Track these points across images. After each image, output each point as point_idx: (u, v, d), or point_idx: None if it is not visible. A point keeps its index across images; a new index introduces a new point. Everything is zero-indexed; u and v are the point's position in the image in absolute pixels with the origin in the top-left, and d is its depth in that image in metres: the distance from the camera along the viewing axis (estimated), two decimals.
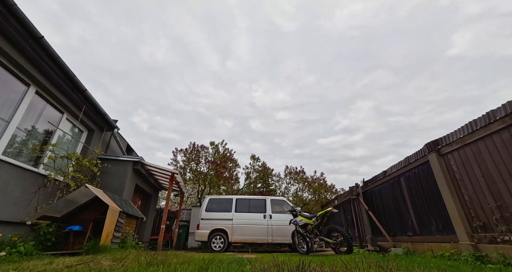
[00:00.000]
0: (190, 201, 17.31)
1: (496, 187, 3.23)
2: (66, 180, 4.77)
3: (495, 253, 3.02)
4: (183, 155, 14.31)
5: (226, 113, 46.03)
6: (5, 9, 3.26)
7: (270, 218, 7.48)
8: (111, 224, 4.18)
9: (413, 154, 4.97)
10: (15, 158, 3.99)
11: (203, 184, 13.66)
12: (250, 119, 45.82)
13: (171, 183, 7.18)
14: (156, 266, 2.23)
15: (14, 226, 3.78)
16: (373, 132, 44.65)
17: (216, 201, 7.92)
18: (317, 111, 46.45)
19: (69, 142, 5.54)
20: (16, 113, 3.95)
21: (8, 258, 2.92)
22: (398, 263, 2.31)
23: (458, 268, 2.39)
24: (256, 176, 16.45)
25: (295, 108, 45.12)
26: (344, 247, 4.73)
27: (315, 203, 15.05)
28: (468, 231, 3.55)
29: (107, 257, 2.88)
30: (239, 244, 7.75)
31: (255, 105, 46.09)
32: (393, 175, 5.59)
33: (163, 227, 6.74)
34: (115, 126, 6.76)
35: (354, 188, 7.37)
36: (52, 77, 4.40)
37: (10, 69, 3.84)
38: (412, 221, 4.88)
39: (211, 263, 2.53)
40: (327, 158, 41.23)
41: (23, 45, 3.70)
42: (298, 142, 42.84)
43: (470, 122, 3.64)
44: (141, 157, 6.66)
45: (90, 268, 2.10)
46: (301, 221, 5.47)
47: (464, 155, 3.74)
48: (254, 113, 45.79)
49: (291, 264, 2.15)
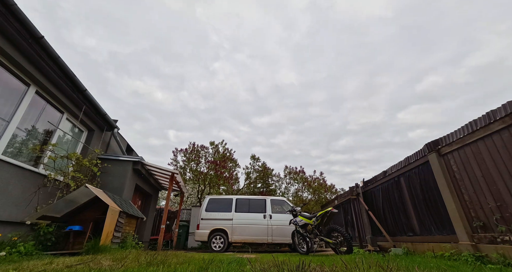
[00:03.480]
0: (190, 201, 17.31)
1: (496, 187, 3.23)
2: (66, 180, 4.77)
3: (495, 253, 3.02)
4: (183, 155, 14.32)
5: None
6: (5, 9, 3.26)
7: (270, 218, 7.48)
8: (111, 224, 4.18)
9: (413, 154, 4.97)
10: (15, 158, 3.99)
11: (203, 184, 13.66)
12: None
13: (171, 183, 7.18)
14: (156, 266, 2.23)
15: (14, 226, 3.78)
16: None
17: (216, 201, 7.92)
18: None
19: (69, 142, 5.54)
20: (16, 113, 3.95)
21: (8, 258, 2.92)
22: (398, 263, 2.31)
23: (458, 268, 2.39)
24: (256, 176, 16.44)
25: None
26: (344, 247, 4.73)
27: (315, 203, 15.05)
28: (468, 231, 3.55)
29: (107, 257, 2.88)
30: (239, 244, 7.74)
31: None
32: (393, 175, 5.59)
33: (163, 227, 6.73)
34: (115, 126, 6.76)
35: (354, 188, 7.37)
36: (52, 77, 4.40)
37: (10, 69, 3.84)
38: (412, 221, 4.88)
39: (211, 263, 2.53)
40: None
41: (23, 45, 3.70)
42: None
43: (470, 122, 3.64)
44: (141, 157, 6.66)
45: (90, 268, 2.10)
46: (301, 221, 5.47)
47: (464, 155, 3.74)
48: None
49: (291, 264, 2.14)
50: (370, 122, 44.72)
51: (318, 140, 45.54)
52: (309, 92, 47.14)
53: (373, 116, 44.74)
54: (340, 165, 41.32)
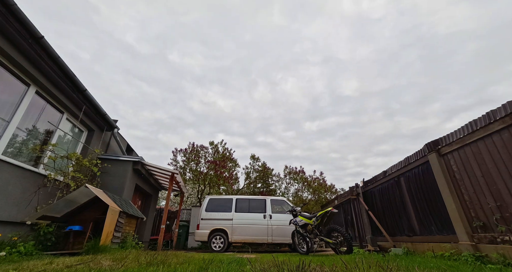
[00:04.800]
0: (190, 201, 17.31)
1: (496, 187, 3.23)
2: (66, 180, 4.77)
3: (495, 253, 3.02)
4: (182, 155, 14.32)
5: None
6: (5, 9, 3.26)
7: (270, 218, 7.48)
8: (111, 224, 4.18)
9: (413, 154, 4.97)
10: (15, 158, 3.99)
11: (203, 184, 13.66)
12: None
13: (171, 183, 7.18)
14: (156, 266, 2.23)
15: (14, 226, 3.78)
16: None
17: (216, 201, 7.92)
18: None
19: (69, 142, 5.54)
20: (16, 113, 3.95)
21: (8, 258, 2.92)
22: (398, 263, 2.31)
23: (458, 268, 2.39)
24: (256, 176, 16.44)
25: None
26: (344, 247, 4.73)
27: (315, 203, 15.05)
28: (468, 231, 3.55)
29: (107, 257, 2.88)
30: (239, 244, 7.74)
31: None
32: (393, 175, 5.59)
33: (163, 227, 6.73)
34: (115, 126, 6.75)
35: (354, 188, 7.37)
36: (52, 77, 4.40)
37: (10, 69, 3.84)
38: (412, 221, 4.88)
39: (211, 263, 2.53)
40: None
41: (23, 45, 3.70)
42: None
43: (470, 122, 3.64)
44: (141, 157, 6.66)
45: (90, 268, 2.10)
46: (301, 221, 5.47)
47: (464, 155, 3.74)
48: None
49: (291, 264, 2.14)
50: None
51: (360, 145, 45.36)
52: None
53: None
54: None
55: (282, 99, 45.37)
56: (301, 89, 44.88)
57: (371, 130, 44.28)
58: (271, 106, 45.42)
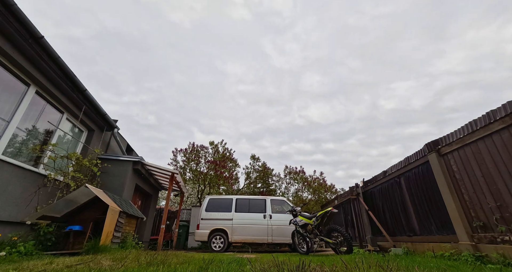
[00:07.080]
0: (190, 201, 17.30)
1: (496, 187, 3.23)
2: (66, 180, 4.77)
3: (495, 253, 3.02)
4: (182, 155, 14.31)
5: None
6: (5, 9, 3.26)
7: (270, 218, 7.48)
8: (111, 224, 4.18)
9: (413, 154, 4.97)
10: (15, 158, 3.99)
11: (203, 184, 13.65)
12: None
13: (171, 183, 7.18)
14: (156, 266, 2.23)
15: (14, 226, 3.78)
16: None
17: (216, 201, 7.92)
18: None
19: (69, 142, 5.54)
20: (16, 113, 3.95)
21: (8, 258, 2.92)
22: (398, 263, 2.31)
23: (458, 268, 2.39)
24: (256, 176, 16.44)
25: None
26: (344, 247, 4.73)
27: (315, 203, 15.04)
28: (468, 231, 3.55)
29: (107, 257, 2.88)
30: (239, 244, 7.74)
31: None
32: (393, 175, 5.59)
33: (163, 227, 6.73)
34: (115, 126, 6.75)
35: (354, 188, 7.37)
36: (52, 77, 4.40)
37: (10, 69, 3.84)
38: (412, 221, 4.88)
39: (211, 263, 2.53)
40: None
41: (23, 45, 3.70)
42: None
43: (470, 122, 3.64)
44: (141, 157, 6.66)
45: (90, 268, 2.10)
46: (301, 221, 5.47)
47: (464, 155, 3.74)
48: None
49: (291, 264, 2.14)
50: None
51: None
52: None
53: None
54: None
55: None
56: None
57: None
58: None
